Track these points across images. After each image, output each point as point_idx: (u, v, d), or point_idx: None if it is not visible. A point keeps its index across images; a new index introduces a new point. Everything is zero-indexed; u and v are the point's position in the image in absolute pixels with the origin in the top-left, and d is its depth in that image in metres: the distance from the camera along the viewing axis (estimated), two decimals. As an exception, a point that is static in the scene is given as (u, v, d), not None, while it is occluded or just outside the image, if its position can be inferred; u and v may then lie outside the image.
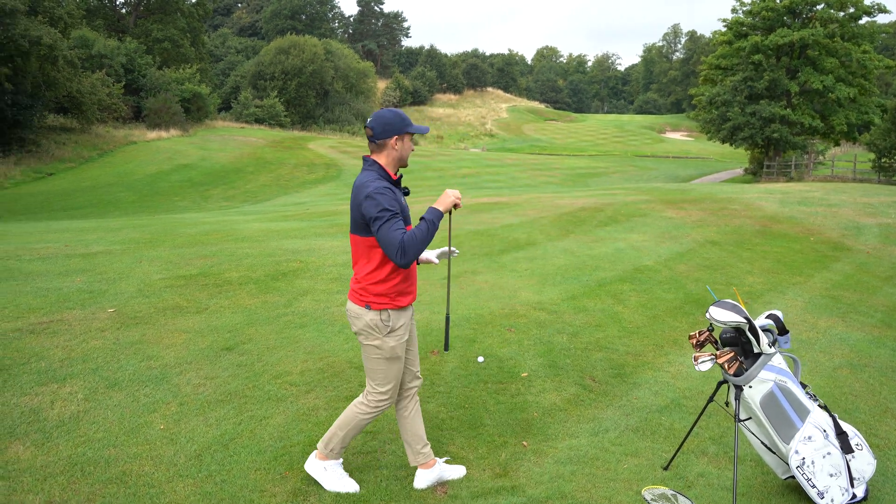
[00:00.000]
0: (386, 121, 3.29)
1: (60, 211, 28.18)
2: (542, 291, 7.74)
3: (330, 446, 3.56)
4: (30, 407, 4.33)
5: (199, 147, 45.25)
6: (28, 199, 31.11)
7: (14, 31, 35.13)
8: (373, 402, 3.46)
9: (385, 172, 3.30)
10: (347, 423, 3.51)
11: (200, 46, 63.55)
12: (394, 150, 3.31)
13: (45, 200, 30.70)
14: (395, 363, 3.41)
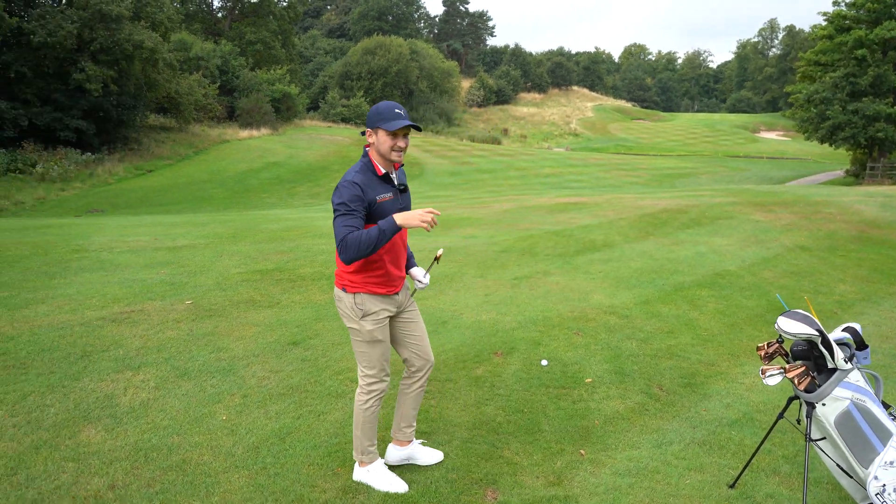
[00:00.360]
0: (369, 113, 3.30)
1: (158, 206, 29.64)
2: (614, 295, 7.52)
3: (360, 450, 3.58)
4: (105, 393, 4.53)
5: (287, 145, 46.65)
6: (129, 194, 32.87)
7: (119, 36, 37.19)
8: (365, 388, 3.50)
9: (371, 165, 3.30)
10: (358, 421, 3.54)
11: (291, 48, 65.48)
12: (372, 143, 3.29)
13: (145, 196, 32.36)
14: (376, 346, 3.42)
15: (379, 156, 3.30)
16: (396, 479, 3.58)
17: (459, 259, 9.37)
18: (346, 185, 3.16)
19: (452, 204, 19.59)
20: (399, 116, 3.21)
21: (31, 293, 6.88)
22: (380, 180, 3.29)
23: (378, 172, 3.28)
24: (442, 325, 6.31)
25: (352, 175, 3.21)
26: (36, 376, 4.71)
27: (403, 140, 3.27)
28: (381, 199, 3.24)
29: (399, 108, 3.26)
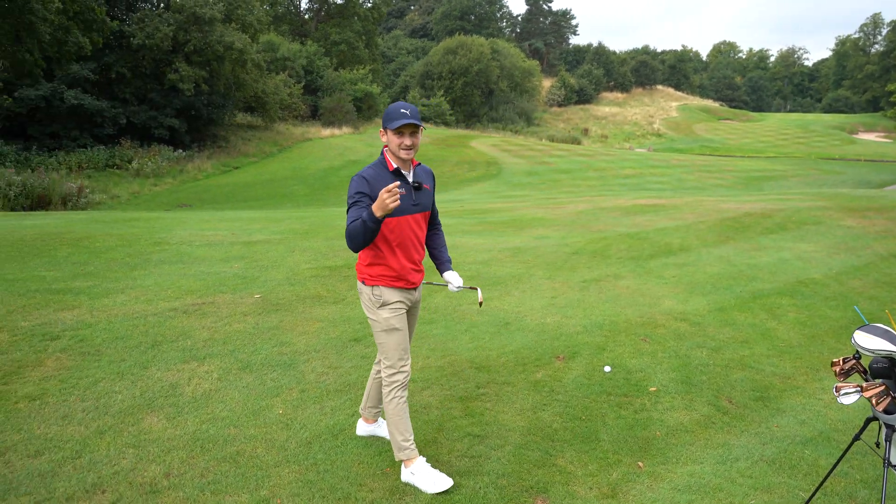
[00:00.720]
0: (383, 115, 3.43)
1: (242, 202, 30.67)
2: (687, 301, 7.23)
3: (397, 447, 3.59)
4: (170, 382, 4.67)
5: (367, 144, 47.37)
6: (216, 190, 34.14)
7: (211, 38, 38.69)
8: (386, 381, 3.56)
9: (384, 161, 3.47)
10: (389, 416, 3.58)
11: (374, 48, 66.47)
12: (387, 143, 3.44)
13: (231, 192, 33.53)
14: (393, 334, 3.52)
15: (393, 154, 3.43)
16: (440, 477, 3.54)
17: (528, 260, 9.24)
18: (354, 180, 3.33)
19: (527, 204, 19.41)
20: (403, 116, 3.31)
21: (113, 283, 7.20)
22: (391, 175, 3.41)
23: (389, 167, 3.42)
24: (504, 326, 6.22)
25: (363, 170, 3.38)
26: (108, 363, 4.90)
27: (409, 138, 3.35)
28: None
29: (406, 108, 3.35)
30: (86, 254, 8.68)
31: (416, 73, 69.96)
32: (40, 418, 4.03)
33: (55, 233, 10.08)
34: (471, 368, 5.15)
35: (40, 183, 27.75)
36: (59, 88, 36.04)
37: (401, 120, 3.29)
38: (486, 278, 8.12)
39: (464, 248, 10.08)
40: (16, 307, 6.00)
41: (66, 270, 7.71)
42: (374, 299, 3.51)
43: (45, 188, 27.64)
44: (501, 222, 13.75)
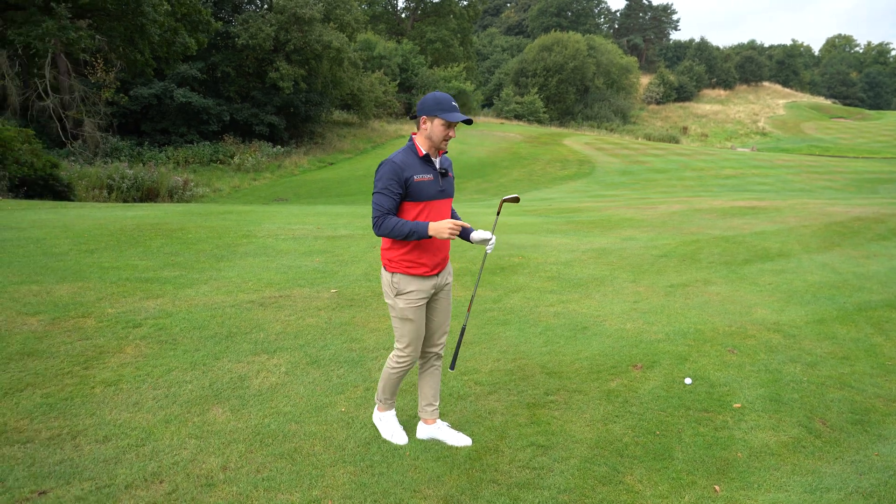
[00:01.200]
0: (423, 101, 3.48)
1: (335, 196, 31.39)
2: (782, 311, 6.74)
3: (379, 396, 3.95)
4: (239, 374, 4.71)
5: (459, 141, 47.48)
6: (311, 185, 35.09)
7: (310, 37, 39.78)
8: (394, 359, 3.79)
9: (413, 147, 3.53)
10: (383, 377, 3.89)
11: (469, 46, 66.62)
12: (424, 129, 3.49)
13: (325, 187, 34.39)
14: (408, 324, 3.64)
15: (426, 141, 3.51)
16: (399, 432, 3.88)
17: (613, 262, 8.90)
18: (387, 164, 3.42)
19: (618, 204, 18.85)
20: (456, 109, 3.46)
21: (198, 274, 7.41)
22: (420, 161, 3.50)
23: (419, 153, 3.50)
24: (581, 331, 5.97)
25: (394, 155, 3.47)
26: (183, 353, 5.01)
27: (454, 130, 3.50)
28: (419, 179, 3.45)
29: (454, 101, 3.48)
30: (178, 244, 9.01)
31: (511, 71, 69.60)
32: (113, 404, 4.14)
33: (153, 224, 10.53)
34: (542, 374, 4.95)
35: (150, 176, 29.31)
36: (170, 87, 38.00)
37: (458, 115, 3.43)
38: (566, 280, 7.87)
39: (547, 247, 9.83)
40: (105, 294, 6.26)
41: (158, 260, 8.01)
42: (392, 286, 3.63)
43: (154, 181, 29.18)
44: (589, 222, 13.38)
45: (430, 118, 3.44)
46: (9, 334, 5.10)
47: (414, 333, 3.66)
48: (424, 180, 3.47)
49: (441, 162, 3.59)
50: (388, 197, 3.40)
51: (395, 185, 3.40)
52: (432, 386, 3.94)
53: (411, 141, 3.55)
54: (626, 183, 33.83)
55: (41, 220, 10.70)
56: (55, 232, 9.44)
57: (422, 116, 3.46)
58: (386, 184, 3.40)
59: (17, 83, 34.93)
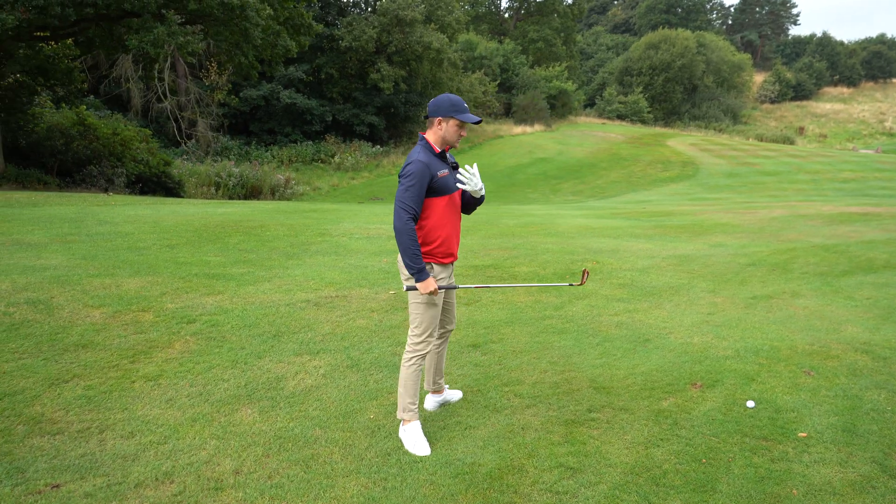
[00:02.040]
0: (437, 103, 3.73)
1: (429, 197, 31.57)
2: (877, 329, 6.09)
3: (402, 407, 3.87)
4: (277, 374, 4.69)
5: (558, 142, 46.79)
6: (407, 185, 35.49)
7: (412, 38, 40.27)
8: (411, 348, 3.86)
9: (429, 146, 3.77)
10: (402, 379, 3.88)
11: (572, 45, 65.51)
12: (438, 129, 3.75)
13: (420, 187, 34.67)
14: (432, 309, 3.83)
15: (439, 140, 3.76)
16: (422, 442, 3.80)
17: (694, 269, 8.38)
18: (417, 164, 3.64)
19: (717, 208, 17.91)
20: (468, 111, 3.75)
21: (265, 271, 7.52)
22: (437, 158, 3.77)
23: (436, 151, 3.77)
24: (643, 343, 5.60)
25: (419, 155, 3.69)
26: (228, 350, 5.05)
27: (465, 131, 3.80)
28: (441, 175, 3.74)
29: (465, 102, 3.78)
30: (254, 241, 9.22)
31: (615, 70, 67.89)
32: (147, 399, 4.20)
33: (236, 221, 10.85)
34: (589, 388, 4.65)
35: (254, 174, 30.49)
36: (276, 89, 39.51)
37: (472, 116, 3.74)
38: (638, 287, 7.46)
39: (625, 252, 9.39)
40: (170, 289, 6.44)
41: (231, 257, 8.21)
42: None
43: (258, 179, 30.33)
44: (679, 226, 12.74)
45: (445, 119, 3.71)
46: (70, 325, 5.31)
47: (434, 319, 3.86)
48: (444, 175, 3.77)
49: (450, 157, 3.90)
50: (416, 196, 3.63)
51: (424, 183, 3.65)
52: (441, 361, 4.27)
53: (425, 141, 3.79)
54: (731, 186, 32.20)
55: (138, 215, 11.25)
56: (145, 227, 9.89)
57: (437, 118, 3.71)
58: (417, 182, 3.63)
59: (140, 86, 37.32)
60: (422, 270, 3.64)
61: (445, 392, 4.39)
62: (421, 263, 3.63)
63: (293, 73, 40.04)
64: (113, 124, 24.81)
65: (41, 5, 16.85)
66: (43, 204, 12.51)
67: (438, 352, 4.23)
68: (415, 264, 3.62)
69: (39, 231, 9.15)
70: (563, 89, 54.62)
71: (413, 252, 3.61)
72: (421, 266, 3.63)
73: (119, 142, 23.48)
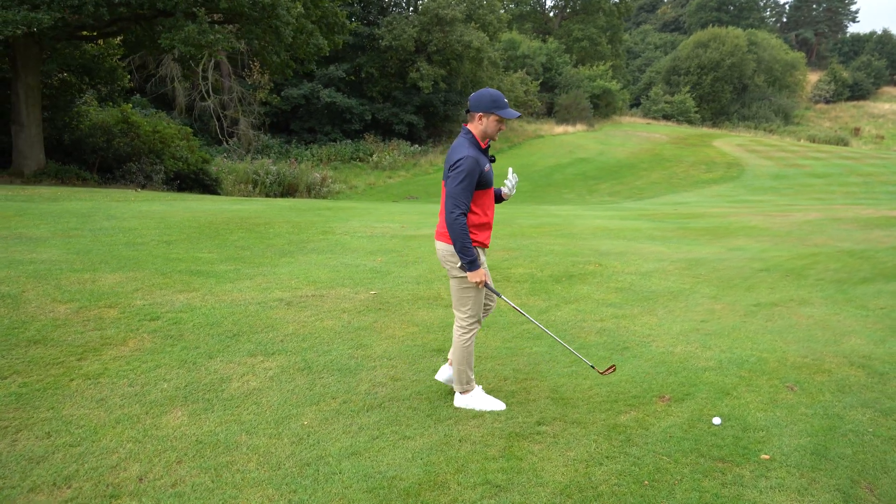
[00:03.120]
0: (479, 98, 3.86)
1: (464, 196, 31.31)
2: (883, 341, 5.63)
3: (465, 380, 4.14)
4: (222, 376, 4.53)
5: (600, 142, 46.04)
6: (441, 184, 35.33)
7: (451, 37, 40.09)
8: (465, 328, 4.09)
9: (475, 140, 3.91)
10: (461, 357, 4.12)
11: (618, 44, 64.46)
12: (479, 124, 3.89)
13: (456, 186, 34.43)
14: (470, 292, 4.05)
15: (481, 134, 3.91)
16: (495, 400, 4.19)
17: (701, 274, 7.97)
18: (469, 159, 3.77)
19: (751, 210, 17.24)
20: (509, 107, 3.90)
21: (253, 269, 7.42)
22: (482, 153, 3.93)
23: (482, 146, 3.94)
24: (621, 351, 5.28)
25: (469, 150, 3.81)
26: (181, 349, 4.92)
27: (505, 125, 3.97)
28: (486, 169, 3.92)
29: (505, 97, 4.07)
30: (254, 239, 9.15)
31: (662, 69, 66.52)
32: (79, 399, 4.09)
33: (244, 217, 10.82)
34: (547, 399, 4.37)
35: (291, 173, 30.72)
36: (317, 88, 39.79)
37: (513, 112, 3.87)
38: (636, 292, 7.10)
39: (633, 255, 9.01)
40: (145, 285, 6.37)
41: (224, 254, 8.14)
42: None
43: (295, 177, 30.55)
44: (703, 229, 12.25)
45: (486, 115, 3.85)
46: (31, 320, 5.26)
47: (478, 302, 4.08)
48: (488, 170, 3.95)
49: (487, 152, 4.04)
50: (468, 191, 3.78)
51: (475, 178, 3.80)
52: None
53: (470, 134, 3.91)
54: (776, 188, 31.16)
55: (150, 211, 11.33)
56: (150, 223, 9.92)
57: (478, 112, 3.85)
58: (469, 177, 3.76)
59: (186, 85, 38.06)
60: (473, 262, 3.83)
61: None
62: (473, 255, 3.82)
63: (333, 73, 40.29)
64: (154, 122, 25.25)
65: (76, 4, 17.19)
66: (64, 199, 12.71)
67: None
68: (467, 256, 3.81)
69: (45, 225, 9.25)
70: (606, 88, 53.77)
71: (466, 245, 3.78)
72: (473, 257, 3.82)
73: (159, 139, 23.87)
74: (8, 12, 16.30)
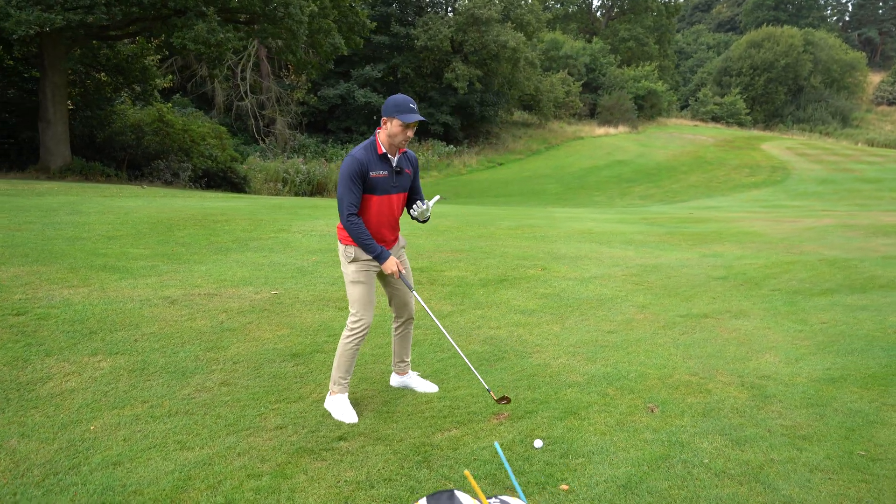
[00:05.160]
0: (385, 103, 3.73)
1: (493, 196, 30.95)
2: (801, 359, 5.05)
3: (333, 379, 3.99)
4: (43, 375, 4.32)
5: (640, 144, 44.93)
6: (474, 184, 34.99)
7: (487, 37, 39.69)
8: (349, 326, 3.96)
9: (374, 144, 3.78)
10: (338, 354, 3.98)
11: (666, 44, 62.88)
12: (384, 129, 3.76)
13: (487, 187, 34.10)
14: (356, 286, 3.91)
15: (387, 139, 3.75)
16: (351, 412, 3.92)
17: (645, 282, 7.46)
18: (351, 161, 3.70)
19: (763, 217, 16.37)
20: (413, 111, 3.69)
21: (169, 266, 7.26)
22: (379, 159, 3.77)
23: (379, 151, 3.77)
24: (493, 363, 4.88)
25: (355, 152, 3.73)
26: (22, 346, 4.74)
27: (412, 131, 3.74)
28: (375, 175, 3.75)
29: (412, 102, 3.72)
30: (200, 236, 9.02)
31: (713, 70, 64.58)
32: None
33: (210, 214, 10.73)
34: (372, 410, 4.02)
35: (321, 171, 30.86)
36: (352, 88, 39.96)
37: (413, 115, 3.67)
38: (560, 299, 6.65)
39: (588, 259, 8.53)
40: (39, 280, 6.26)
41: (155, 250, 8.02)
42: (346, 255, 3.89)
43: (324, 176, 30.67)
44: (692, 234, 11.61)
45: (389, 119, 3.69)
46: None
47: (364, 298, 3.91)
48: (380, 176, 3.77)
49: (399, 161, 3.85)
50: (352, 192, 3.70)
51: (357, 179, 3.69)
52: (404, 346, 4.30)
53: (374, 137, 3.79)
54: (820, 193, 29.72)
55: (123, 206, 11.36)
56: (111, 218, 9.91)
57: (384, 117, 3.71)
58: (349, 180, 3.68)
59: (225, 85, 38.74)
60: (380, 255, 3.80)
61: (409, 376, 4.39)
62: (376, 249, 3.77)
63: (370, 73, 40.40)
64: (187, 121, 25.65)
65: (87, 5, 17.53)
66: (54, 193, 12.90)
67: (398, 336, 4.28)
68: (370, 252, 3.78)
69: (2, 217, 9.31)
70: (652, 89, 52.48)
71: (366, 243, 3.75)
72: (377, 251, 3.78)
73: (189, 138, 24.21)
74: (22, 13, 16.72)
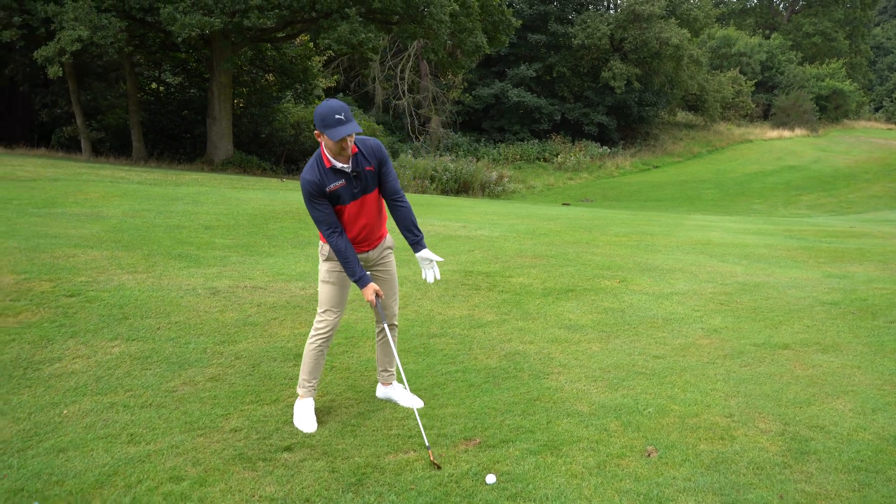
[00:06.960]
0: (314, 113, 3.47)
1: (642, 201, 29.57)
2: (880, 410, 4.14)
3: (299, 382, 3.86)
4: (58, 355, 4.50)
5: (819, 148, 40.93)
6: (624, 187, 33.61)
7: (648, 35, 37.97)
8: (313, 328, 3.86)
9: (321, 158, 3.59)
10: (305, 356, 3.84)
11: (859, 39, 56.81)
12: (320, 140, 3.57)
13: (636, 190, 32.65)
14: (326, 286, 3.82)
15: (327, 149, 3.54)
16: (310, 421, 3.74)
17: (735, 301, 6.59)
18: (303, 183, 3.57)
19: None
20: (340, 123, 3.38)
21: (244, 258, 7.45)
22: (329, 171, 3.56)
23: (327, 165, 3.56)
24: (498, 382, 4.45)
25: (305, 171, 3.58)
26: (57, 326, 4.95)
27: (351, 140, 3.47)
28: (333, 188, 3.57)
29: (341, 111, 3.38)
30: (290, 229, 9.23)
31: (917, 67, 57.52)
32: None
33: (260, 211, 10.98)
34: (338, 422, 3.79)
35: (468, 170, 31.11)
36: (506, 87, 39.85)
37: (340, 131, 3.37)
38: (622, 314, 6.02)
39: (680, 272, 7.72)
40: (112, 264, 6.63)
41: (239, 241, 8.30)
42: (321, 254, 3.83)
43: (471, 175, 30.88)
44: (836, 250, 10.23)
45: (321, 133, 3.48)
46: (-30, 287, 5.69)
47: (332, 298, 3.82)
48: (338, 187, 3.59)
49: (354, 164, 3.58)
50: (319, 210, 3.59)
51: (317, 197, 3.57)
52: (387, 354, 4.11)
53: (320, 150, 3.60)
54: None
55: (241, 198, 11.96)
56: (220, 209, 10.44)
57: (316, 131, 3.53)
58: (311, 202, 3.59)
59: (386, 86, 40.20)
60: (359, 280, 3.67)
61: (393, 387, 4.17)
62: (357, 273, 3.66)
63: (524, 72, 40.07)
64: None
65: (242, 9, 18.77)
66: (188, 184, 13.88)
67: (380, 343, 4.12)
68: (352, 276, 3.67)
69: (128, 204, 10.08)
70: (837, 89, 47.68)
71: (347, 265, 3.64)
72: (356, 276, 3.66)
73: (339, 134, 25.63)
74: (186, 17, 18.23)
